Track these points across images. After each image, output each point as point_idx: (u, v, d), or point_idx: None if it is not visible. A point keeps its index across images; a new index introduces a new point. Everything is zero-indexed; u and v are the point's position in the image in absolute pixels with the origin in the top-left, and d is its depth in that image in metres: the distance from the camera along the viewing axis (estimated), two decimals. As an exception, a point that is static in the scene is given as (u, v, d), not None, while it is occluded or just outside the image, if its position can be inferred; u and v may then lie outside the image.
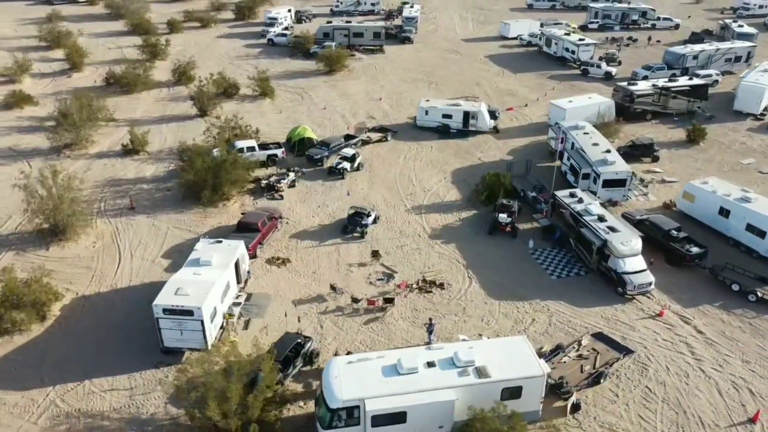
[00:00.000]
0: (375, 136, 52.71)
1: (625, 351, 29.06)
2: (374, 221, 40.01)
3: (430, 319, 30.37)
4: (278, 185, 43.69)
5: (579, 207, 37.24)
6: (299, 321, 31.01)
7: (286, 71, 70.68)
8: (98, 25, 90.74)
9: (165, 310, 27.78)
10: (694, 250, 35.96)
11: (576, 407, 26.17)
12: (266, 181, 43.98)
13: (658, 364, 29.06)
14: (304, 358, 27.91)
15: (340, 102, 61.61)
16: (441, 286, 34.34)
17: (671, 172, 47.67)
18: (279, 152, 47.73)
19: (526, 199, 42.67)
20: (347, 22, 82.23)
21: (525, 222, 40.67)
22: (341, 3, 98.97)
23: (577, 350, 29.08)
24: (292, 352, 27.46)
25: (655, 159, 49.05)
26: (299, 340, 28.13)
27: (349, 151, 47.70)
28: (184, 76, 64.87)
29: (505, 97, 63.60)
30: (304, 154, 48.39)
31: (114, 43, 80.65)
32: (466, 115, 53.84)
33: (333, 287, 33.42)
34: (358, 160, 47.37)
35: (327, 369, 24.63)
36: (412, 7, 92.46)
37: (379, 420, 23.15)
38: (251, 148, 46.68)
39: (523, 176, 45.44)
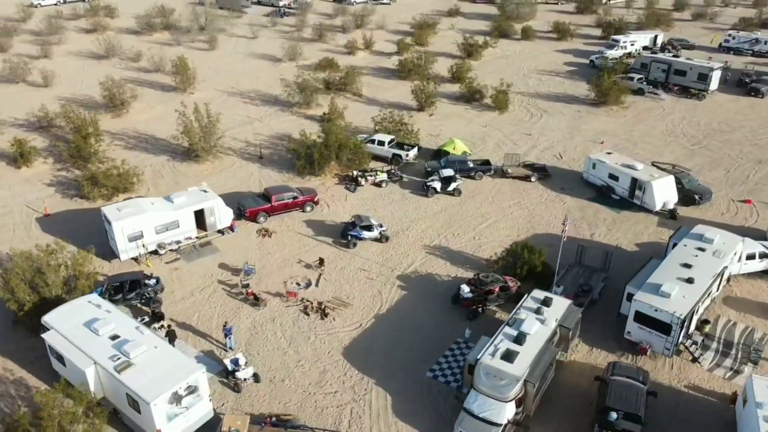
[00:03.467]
0: (518, 171, 46.24)
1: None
2: (379, 239, 37.74)
3: (226, 323, 29.43)
4: (360, 179, 44.75)
5: (521, 314, 27.27)
6: (149, 266, 34.74)
7: (558, 92, 65.40)
8: (477, 23, 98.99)
9: (104, 216, 35.42)
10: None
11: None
12: (356, 173, 45.46)
13: None
14: (140, 296, 31.44)
15: (553, 133, 54.76)
16: (324, 316, 31.46)
17: None
18: (403, 154, 47.80)
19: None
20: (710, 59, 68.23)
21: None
22: (733, 38, 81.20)
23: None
24: (127, 284, 31.50)
25: None
26: (140, 280, 31.82)
27: (447, 172, 44.10)
28: (458, 75, 67.70)
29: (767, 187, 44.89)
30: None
31: (463, 40, 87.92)
32: (633, 184, 41.54)
33: (246, 266, 34.81)
34: (453, 185, 43.46)
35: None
36: (806, 54, 69.31)
37: (52, 351, 25.98)
38: (381, 143, 48.37)
39: (596, 270, 34.07)
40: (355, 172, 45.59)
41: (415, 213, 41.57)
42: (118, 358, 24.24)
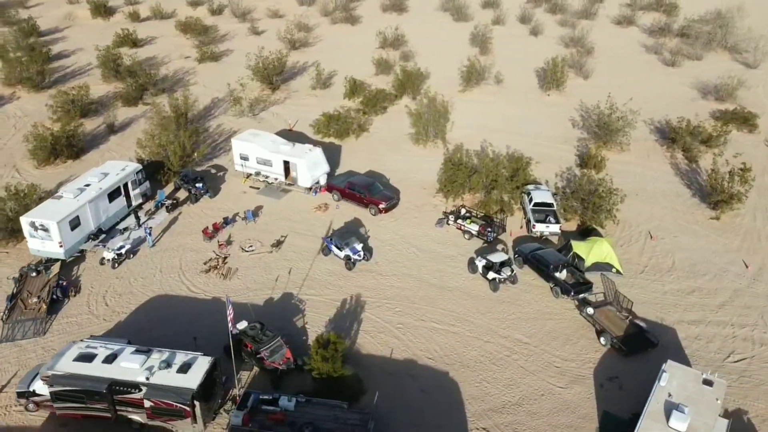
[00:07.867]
0: (603, 318, 30.31)
1: None
2: (345, 261, 35.42)
3: (149, 227, 37.28)
4: (450, 218, 39.31)
5: (157, 355, 25.11)
6: (243, 183, 44.05)
7: None
8: None
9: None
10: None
11: None
12: (464, 211, 39.47)
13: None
14: (187, 189, 42.16)
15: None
16: (206, 272, 34.80)
17: None
18: (533, 220, 38.05)
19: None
20: None
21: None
22: None
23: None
24: (185, 178, 42.59)
25: None
26: (194, 179, 42.43)
27: (496, 258, 33.36)
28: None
29: None
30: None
31: None
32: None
33: (249, 212, 40.04)
34: (492, 275, 33.18)
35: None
36: None
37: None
38: (531, 200, 39.69)
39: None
40: (462, 210, 39.77)
41: (422, 271, 35.21)
42: (61, 195, 36.78)
